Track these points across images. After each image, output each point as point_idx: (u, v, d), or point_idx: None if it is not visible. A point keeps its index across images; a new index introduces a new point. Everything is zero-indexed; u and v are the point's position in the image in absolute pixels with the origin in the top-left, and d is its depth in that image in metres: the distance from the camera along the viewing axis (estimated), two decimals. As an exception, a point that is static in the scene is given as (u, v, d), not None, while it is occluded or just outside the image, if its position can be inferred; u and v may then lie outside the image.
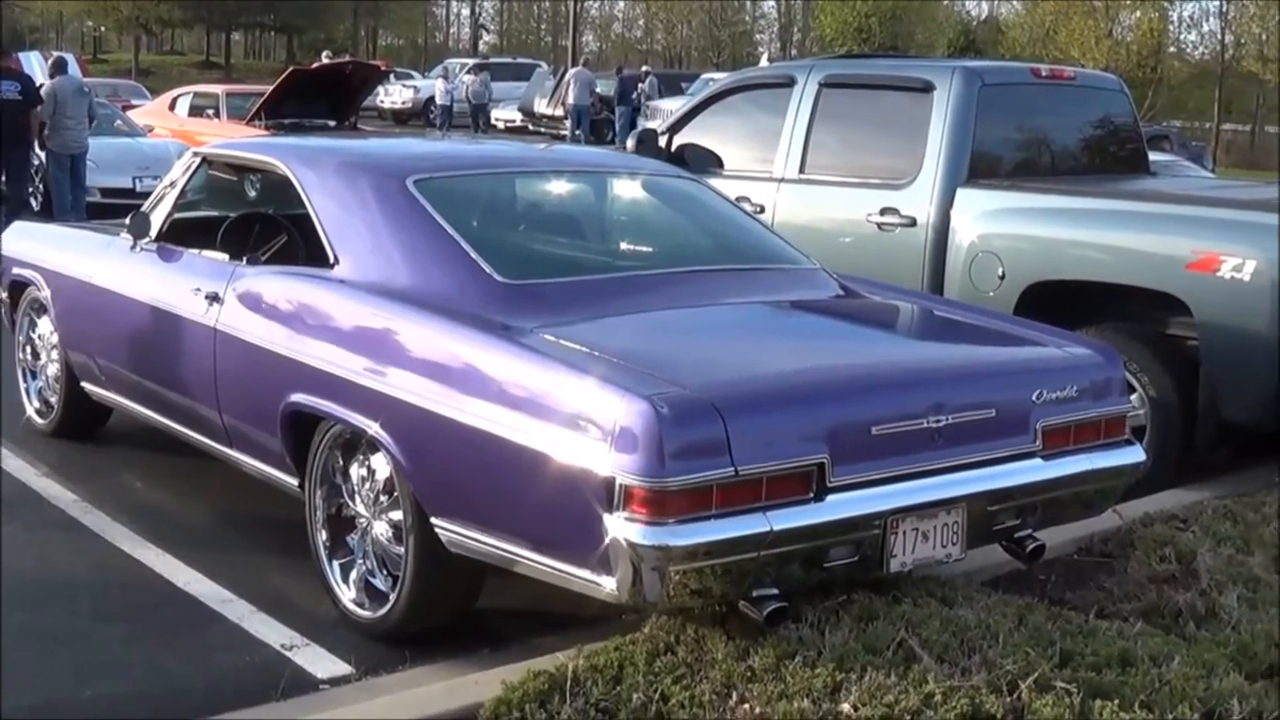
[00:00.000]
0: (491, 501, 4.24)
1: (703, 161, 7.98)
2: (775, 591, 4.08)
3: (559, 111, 32.56)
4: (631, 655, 4.10)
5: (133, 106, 22.84)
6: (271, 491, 5.33)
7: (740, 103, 8.08)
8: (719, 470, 3.83)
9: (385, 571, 4.75)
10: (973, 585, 4.66)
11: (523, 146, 5.71)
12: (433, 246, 4.82)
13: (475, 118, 35.38)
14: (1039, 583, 5.24)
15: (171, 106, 21.29)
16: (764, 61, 34.57)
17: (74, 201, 14.65)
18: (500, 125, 35.68)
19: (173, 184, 6.24)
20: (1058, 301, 6.62)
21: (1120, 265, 6.44)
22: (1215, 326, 6.17)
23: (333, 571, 4.93)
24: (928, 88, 7.16)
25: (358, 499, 4.83)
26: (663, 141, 8.24)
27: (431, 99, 37.90)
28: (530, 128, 34.03)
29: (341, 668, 4.58)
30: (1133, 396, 6.39)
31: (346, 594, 4.87)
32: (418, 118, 39.23)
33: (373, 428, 4.52)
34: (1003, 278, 6.72)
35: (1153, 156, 11.47)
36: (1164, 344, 6.47)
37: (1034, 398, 4.52)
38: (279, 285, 5.20)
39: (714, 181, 7.65)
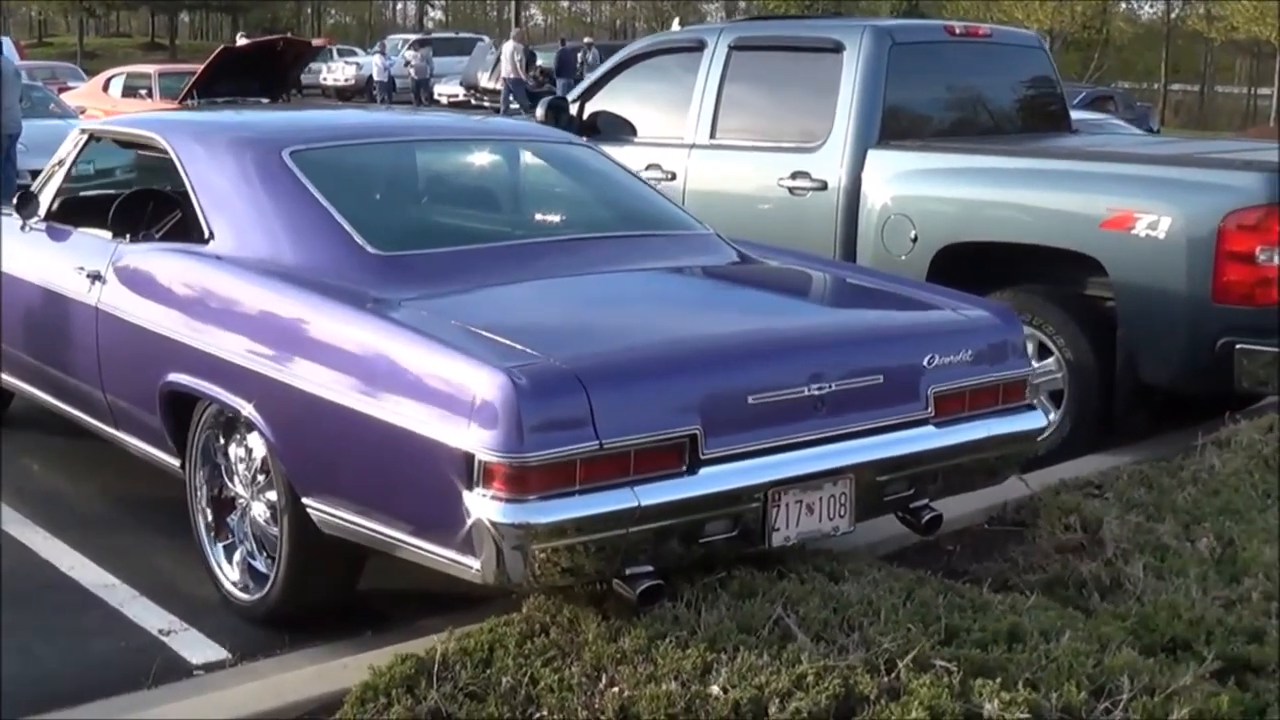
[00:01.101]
0: (358, 481, 4.10)
1: (615, 128, 7.80)
2: (650, 569, 3.91)
3: (499, 86, 32.33)
4: (503, 637, 3.93)
5: (69, 89, 22.49)
6: (166, 475, 5.18)
7: (651, 68, 7.90)
8: (582, 444, 3.67)
9: (265, 554, 4.61)
10: (867, 559, 4.51)
11: (414, 116, 5.50)
12: (306, 219, 4.64)
13: (417, 93, 35.17)
14: (945, 554, 5.11)
15: (105, 88, 21.01)
16: (675, 25, 34.19)
17: (4, 183, 14.35)
18: (443, 100, 35.43)
19: (60, 162, 6.06)
20: (972, 264, 6.48)
21: (1034, 225, 6.30)
22: (1131, 286, 6.03)
23: (214, 554, 4.79)
24: (838, 48, 6.99)
25: (236, 479, 4.69)
26: (574, 109, 8.05)
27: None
28: (472, 102, 33.79)
29: (218, 653, 4.48)
30: (1049, 360, 6.27)
31: (228, 577, 4.74)
32: (361, 94, 38.95)
33: (245, 408, 4.38)
34: (915, 241, 6.58)
35: (1086, 116, 11.37)
36: (1081, 305, 6.34)
37: (925, 363, 4.37)
38: (156, 262, 5.05)
39: (625, 149, 7.50)
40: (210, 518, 4.83)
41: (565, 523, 3.66)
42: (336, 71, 39.73)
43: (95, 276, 5.23)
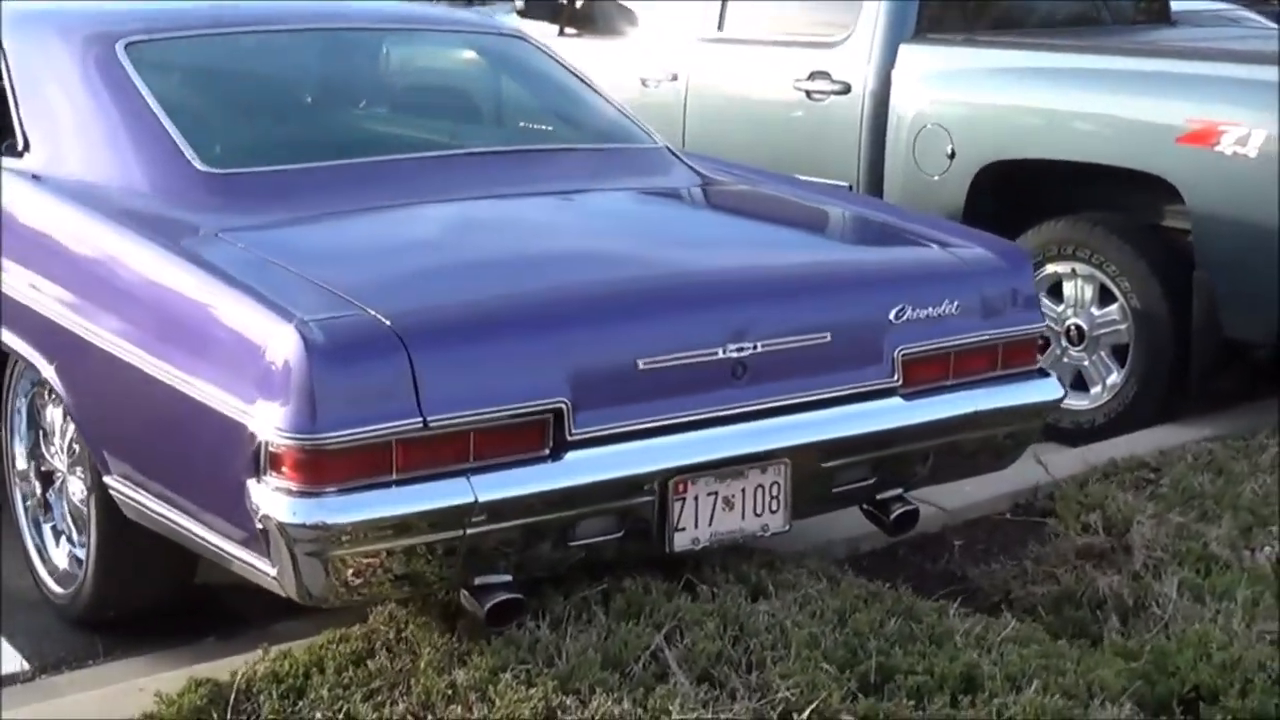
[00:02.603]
0: (154, 461, 3.59)
1: (612, 20, 7.15)
2: (507, 579, 3.34)
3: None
4: (327, 659, 3.41)
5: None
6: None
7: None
8: (400, 422, 3.10)
9: (83, 539, 4.09)
10: (819, 564, 3.89)
11: (302, 2, 4.84)
12: (130, 126, 4.08)
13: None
14: (945, 553, 4.48)
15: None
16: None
17: None
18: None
19: None
20: (1020, 188, 5.79)
21: (1094, 139, 5.57)
22: (1213, 217, 5.29)
23: (34, 538, 4.28)
24: (866, -82, 6.26)
25: (53, 448, 4.17)
26: (566, -2, 7.40)
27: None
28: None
29: (15, 664, 4.01)
30: (1111, 308, 5.58)
31: (47, 566, 4.24)
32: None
33: (47, 369, 3.87)
34: (952, 157, 5.88)
35: (1214, 6, 10.41)
36: (1151, 240, 5.61)
37: (891, 316, 3.72)
38: None
39: (620, 44, 6.87)
40: (38, 493, 4.32)
41: (374, 523, 3.10)
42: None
43: None
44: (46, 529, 4.27)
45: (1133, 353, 5.55)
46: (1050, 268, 5.69)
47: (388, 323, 3.14)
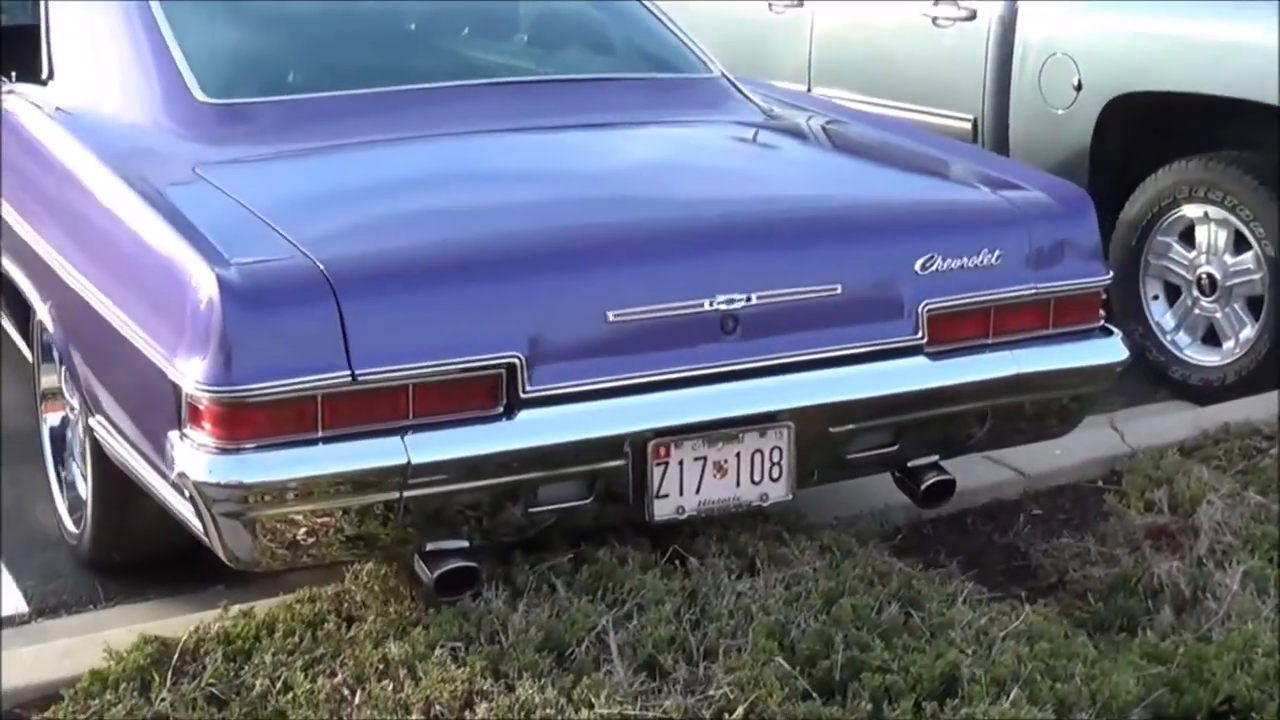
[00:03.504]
0: (114, 404, 3.44)
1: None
2: (463, 544, 3.08)
3: None
4: (281, 621, 3.20)
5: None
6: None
7: None
8: (327, 375, 2.85)
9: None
10: (838, 532, 3.53)
11: None
12: (141, 54, 3.88)
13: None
14: (1017, 524, 4.07)
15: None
16: None
17: None
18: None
19: None
20: (1152, 124, 5.25)
21: (1238, 71, 4.98)
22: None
23: (55, 473, 4.17)
24: None
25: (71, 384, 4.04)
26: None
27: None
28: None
29: (16, 606, 3.89)
30: (1245, 255, 5.03)
31: (67, 504, 4.11)
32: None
33: (42, 309, 3.77)
34: (1079, 89, 5.36)
35: None
36: (1294, 182, 5.03)
37: (916, 267, 3.33)
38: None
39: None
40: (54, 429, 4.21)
41: (296, 483, 2.86)
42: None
43: None
44: (71, 465, 4.14)
45: (1267, 305, 5.00)
46: (1181, 210, 5.15)
47: (320, 267, 2.89)
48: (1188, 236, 5.19)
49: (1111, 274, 3.64)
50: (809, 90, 6.28)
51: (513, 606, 3.04)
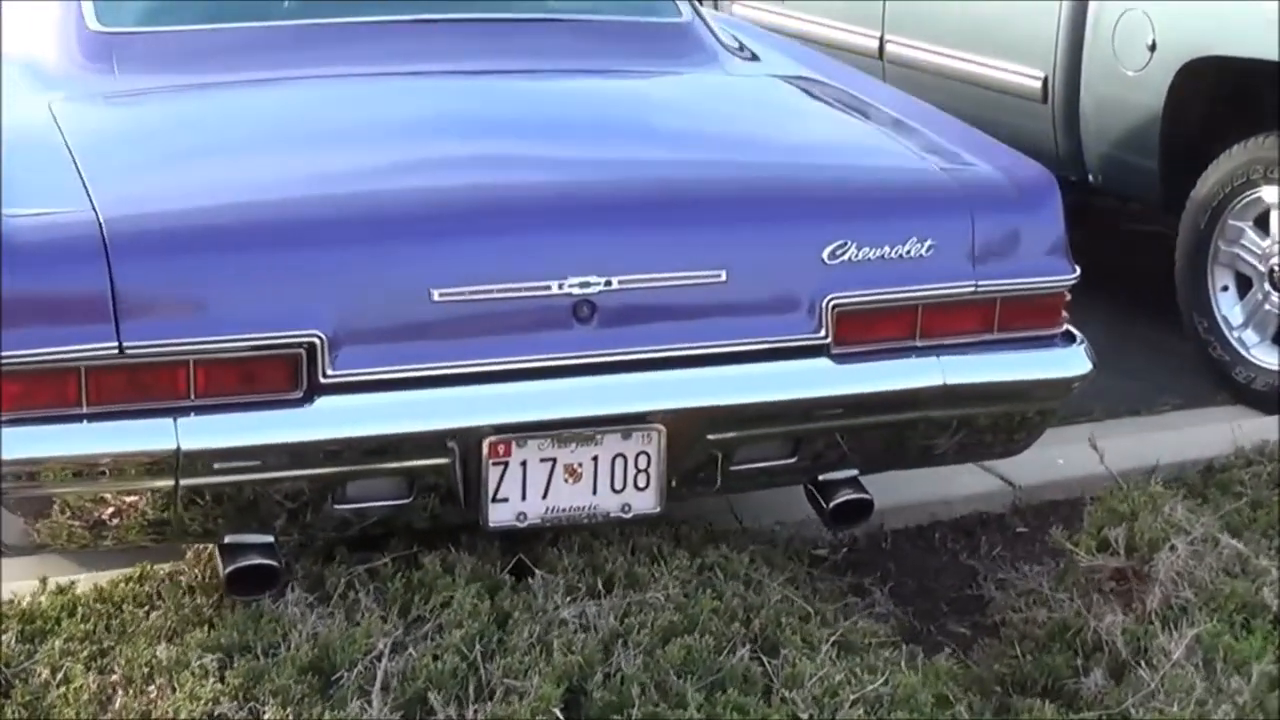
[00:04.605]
0: None
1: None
2: (267, 540, 2.73)
3: None
4: (87, 601, 2.91)
5: None
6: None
7: None
8: (92, 346, 2.51)
9: None
10: (751, 548, 3.11)
11: None
12: None
13: None
14: (989, 543, 3.60)
15: None
16: None
17: None
18: None
19: None
20: (1231, 92, 4.62)
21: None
22: None
23: None
24: None
25: None
26: None
27: None
28: None
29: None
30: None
31: None
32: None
33: None
34: (1152, 50, 4.74)
35: None
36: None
37: (824, 255, 2.85)
38: None
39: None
40: None
41: (52, 462, 2.53)
42: None
43: None
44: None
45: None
46: (1258, 192, 4.53)
47: (100, 224, 2.54)
48: (1263, 222, 4.56)
49: (1078, 272, 3.09)
50: (881, 39, 5.74)
51: (308, 613, 2.67)
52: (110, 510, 2.63)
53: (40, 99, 3.15)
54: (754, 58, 3.76)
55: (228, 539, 2.73)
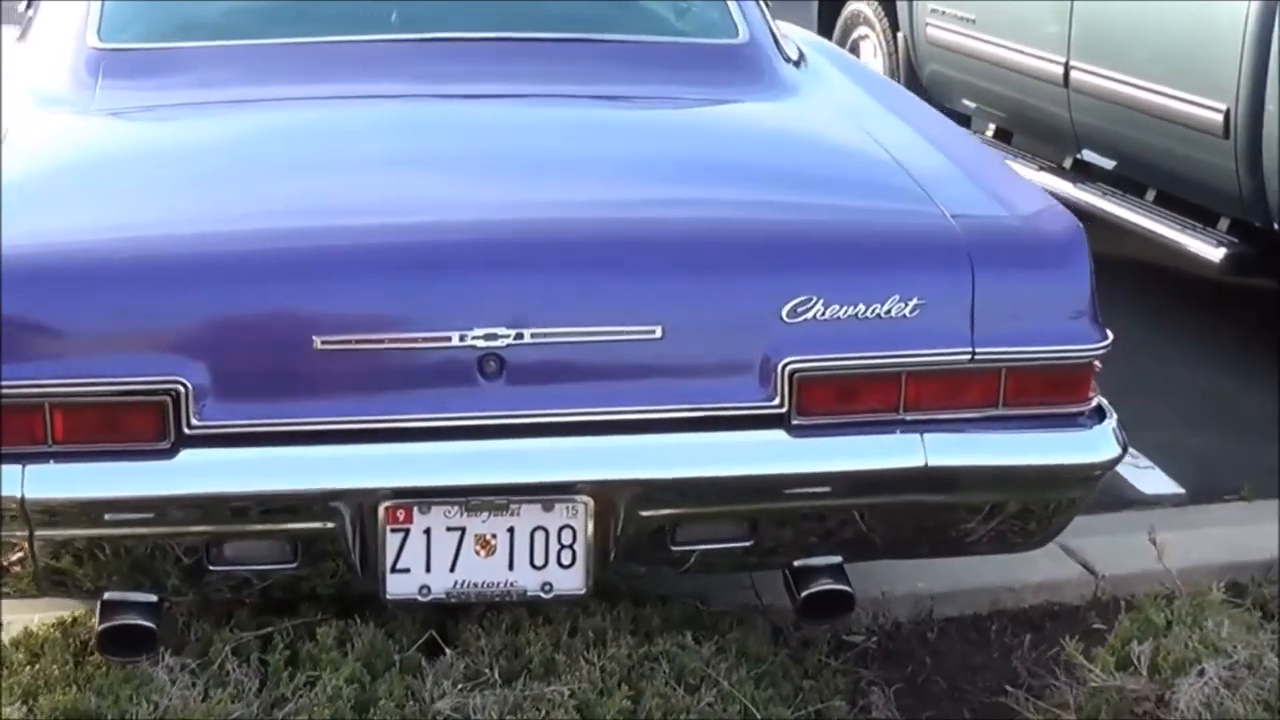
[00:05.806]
0: None
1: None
2: (150, 599, 2.51)
3: None
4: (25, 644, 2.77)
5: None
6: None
7: None
8: None
9: None
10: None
11: None
12: None
13: None
14: (1047, 644, 3.13)
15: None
16: None
17: None
18: None
19: None
20: None
21: None
22: None
23: None
24: None
25: None
26: None
27: None
28: None
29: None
30: None
31: None
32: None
33: None
34: (1344, 82, 4.15)
35: None
36: None
37: (782, 312, 2.47)
38: None
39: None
40: None
41: None
42: None
43: None
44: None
45: None
46: None
47: None
48: None
49: (1109, 339, 2.61)
50: (1067, 63, 5.22)
51: (177, 681, 2.44)
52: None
53: (41, 114, 3.03)
54: (805, 81, 3.35)
55: (107, 596, 2.51)
